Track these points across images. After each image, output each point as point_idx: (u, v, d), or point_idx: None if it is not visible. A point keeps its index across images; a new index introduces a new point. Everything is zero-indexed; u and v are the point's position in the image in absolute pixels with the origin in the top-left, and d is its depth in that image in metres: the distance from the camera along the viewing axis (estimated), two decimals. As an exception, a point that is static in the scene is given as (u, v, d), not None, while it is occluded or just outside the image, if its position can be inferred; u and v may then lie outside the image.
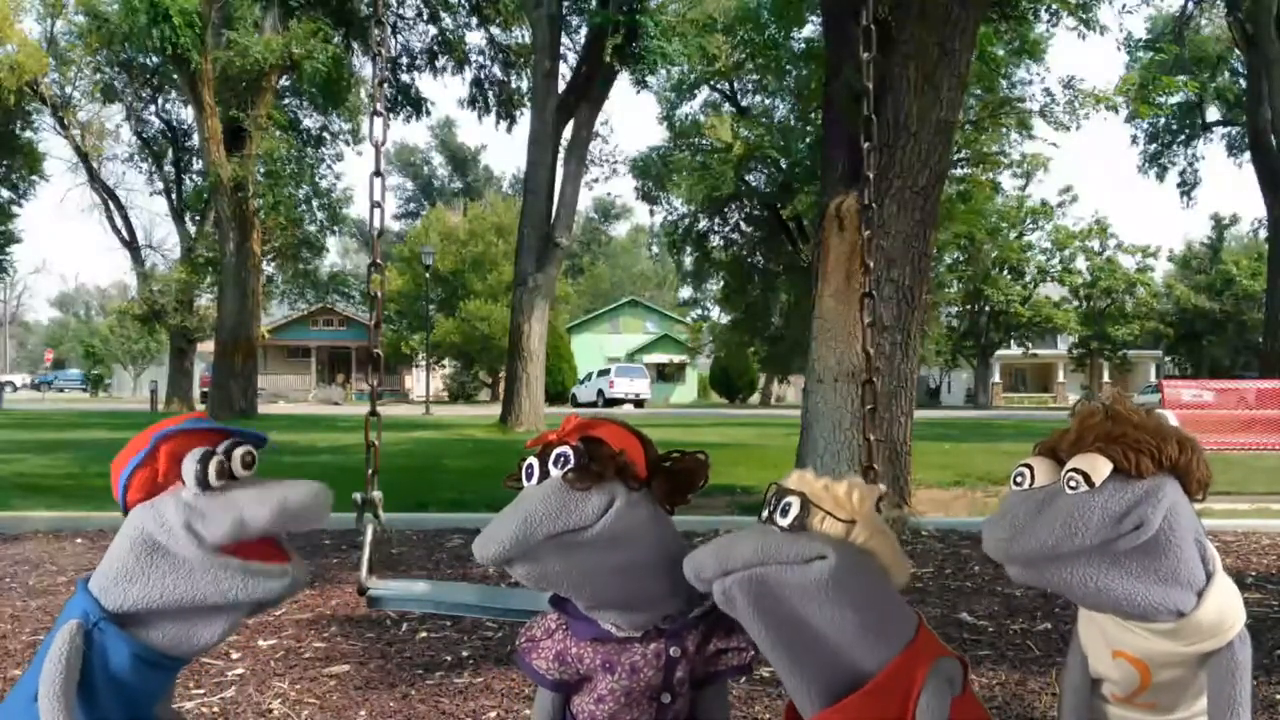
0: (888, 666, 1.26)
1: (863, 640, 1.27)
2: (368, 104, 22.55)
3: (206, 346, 28.45)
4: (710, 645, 1.45)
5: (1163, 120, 30.50)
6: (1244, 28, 23.18)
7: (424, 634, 3.19)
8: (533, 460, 1.37)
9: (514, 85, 22.27)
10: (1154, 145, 32.48)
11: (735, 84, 26.96)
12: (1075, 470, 1.23)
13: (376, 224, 1.94)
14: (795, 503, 1.27)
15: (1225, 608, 1.29)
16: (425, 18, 22.11)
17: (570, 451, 1.33)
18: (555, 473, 1.33)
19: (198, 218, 28.01)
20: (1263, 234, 35.59)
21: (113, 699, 1.28)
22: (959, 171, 21.04)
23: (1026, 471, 1.31)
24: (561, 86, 17.65)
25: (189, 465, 1.28)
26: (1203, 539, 1.30)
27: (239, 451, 1.33)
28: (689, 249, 31.29)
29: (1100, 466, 1.22)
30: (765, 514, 1.30)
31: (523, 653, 1.48)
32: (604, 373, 39.56)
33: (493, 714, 2.45)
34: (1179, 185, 32.56)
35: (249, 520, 1.27)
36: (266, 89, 21.02)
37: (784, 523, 1.26)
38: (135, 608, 1.28)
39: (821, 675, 1.29)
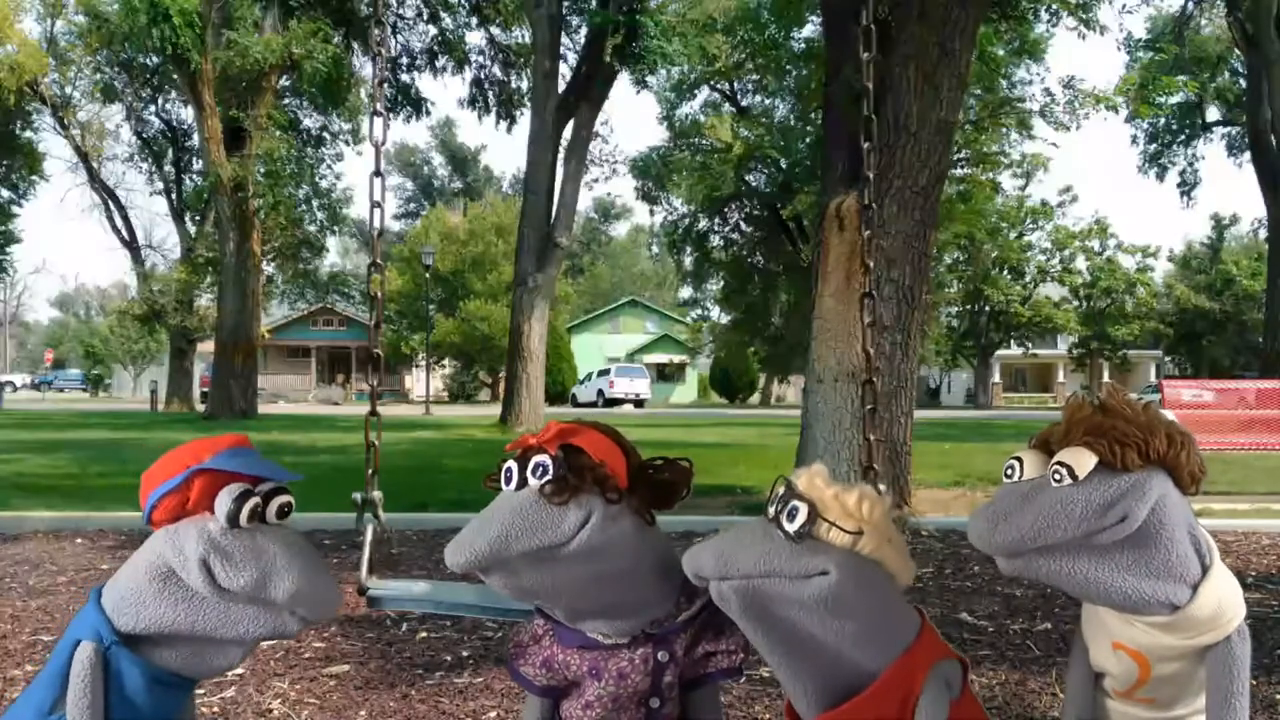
0: (887, 670, 1.26)
1: (862, 646, 1.26)
2: (368, 104, 22.54)
3: (206, 346, 28.48)
4: (699, 648, 1.44)
5: (1163, 120, 30.49)
6: (1244, 28, 23.19)
7: (424, 634, 3.19)
8: (512, 465, 1.35)
9: (514, 85, 22.27)
10: (1154, 145, 32.47)
11: (735, 84, 26.96)
12: (1060, 463, 1.24)
13: (376, 224, 1.94)
14: (803, 509, 1.24)
15: (1223, 600, 1.28)
16: (425, 18, 22.10)
17: (549, 462, 1.31)
18: (533, 482, 1.31)
19: (198, 218, 28.05)
20: (1263, 234, 35.63)
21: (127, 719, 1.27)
22: (959, 171, 21.02)
23: (1016, 464, 1.32)
24: (561, 86, 17.65)
25: (223, 500, 1.25)
26: (1197, 532, 1.29)
27: (278, 500, 1.31)
28: (689, 249, 31.34)
29: (1085, 460, 1.23)
30: (772, 512, 1.28)
31: (511, 659, 1.47)
32: (604, 373, 39.55)
33: (493, 714, 2.45)
34: (1179, 185, 32.59)
35: (270, 590, 1.24)
36: (266, 89, 21.00)
37: (790, 528, 1.24)
38: (146, 631, 1.27)
39: (819, 677, 1.29)
